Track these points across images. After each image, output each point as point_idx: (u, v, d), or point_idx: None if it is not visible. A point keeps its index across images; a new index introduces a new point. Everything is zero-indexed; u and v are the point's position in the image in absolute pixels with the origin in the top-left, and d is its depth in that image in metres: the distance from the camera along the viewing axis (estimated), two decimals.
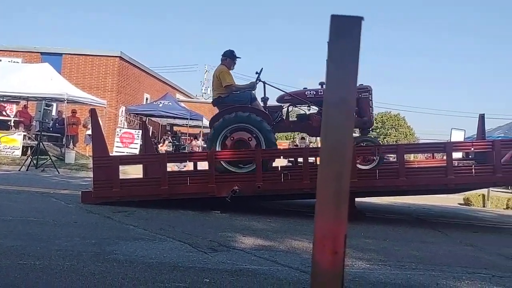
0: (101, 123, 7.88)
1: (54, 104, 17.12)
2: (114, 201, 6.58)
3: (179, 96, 32.11)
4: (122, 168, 7.54)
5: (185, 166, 12.82)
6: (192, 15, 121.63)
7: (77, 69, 23.03)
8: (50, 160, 13.65)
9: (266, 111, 7.31)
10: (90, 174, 8.33)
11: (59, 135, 17.86)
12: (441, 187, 7.12)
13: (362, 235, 5.46)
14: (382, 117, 59.49)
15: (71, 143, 17.95)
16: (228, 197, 6.55)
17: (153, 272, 3.16)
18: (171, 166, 12.25)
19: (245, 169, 6.98)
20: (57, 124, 18.36)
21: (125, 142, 18.94)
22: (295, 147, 19.63)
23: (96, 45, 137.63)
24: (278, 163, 8.30)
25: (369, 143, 7.29)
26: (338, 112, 0.99)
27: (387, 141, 51.82)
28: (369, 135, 7.94)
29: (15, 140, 15.92)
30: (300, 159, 7.60)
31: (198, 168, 8.33)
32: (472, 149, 7.86)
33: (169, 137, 24.73)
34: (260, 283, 3.04)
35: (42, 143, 13.96)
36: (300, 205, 8.09)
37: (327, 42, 1.05)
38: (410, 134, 59.64)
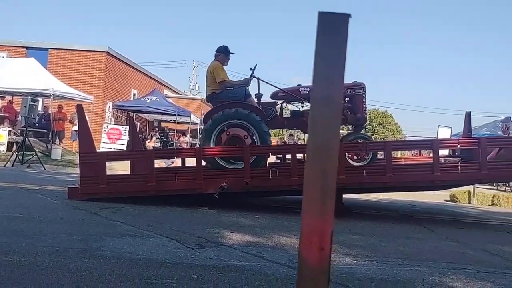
0: (87, 119, 7.81)
1: (40, 100, 16.92)
2: (101, 198, 6.53)
3: (167, 92, 31.94)
4: (109, 164, 7.49)
5: (172, 162, 12.79)
6: (182, 9, 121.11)
7: (63, 64, 22.80)
8: (36, 156, 13.51)
9: (260, 108, 7.31)
10: (77, 170, 8.26)
11: (45, 130, 17.67)
12: (427, 183, 7.18)
13: (349, 231, 5.50)
14: (370, 114, 59.79)
15: (57, 139, 17.77)
16: (216, 194, 6.54)
17: (140, 268, 3.14)
18: (159, 163, 12.22)
19: (242, 165, 6.95)
20: (43, 119, 18.17)
21: (112, 138, 18.79)
22: (283, 143, 19.69)
23: (82, 39, 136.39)
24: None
25: (363, 140, 7.33)
26: (325, 109, 0.99)
27: (374, 138, 52.17)
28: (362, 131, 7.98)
29: (0, 136, 15.71)
30: (288, 156, 7.62)
31: (186, 165, 8.31)
32: (458, 146, 7.96)
33: (157, 133, 24.62)
34: (247, 279, 3.05)
35: (28, 139, 13.82)
36: (288, 202, 8.11)
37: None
38: (398, 131, 60.14)
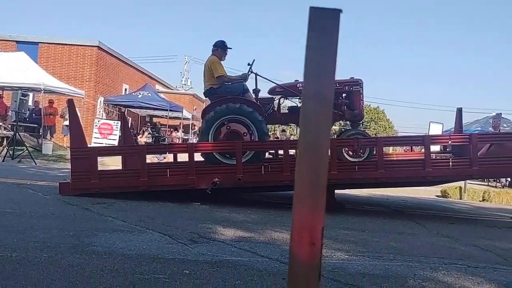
0: (79, 114, 7.76)
1: (31, 94, 16.82)
2: (92, 193, 6.50)
3: (159, 87, 31.83)
4: (100, 159, 7.45)
5: (164, 157, 12.78)
6: (174, 3, 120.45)
7: (54, 58, 22.62)
8: (26, 151, 13.42)
9: (258, 103, 7.31)
10: (68, 165, 8.20)
11: (36, 125, 17.53)
12: (419, 179, 7.22)
13: (341, 226, 5.52)
14: None
15: (48, 133, 17.67)
16: (209, 189, 6.54)
17: (133, 263, 3.13)
18: (151, 158, 12.20)
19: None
20: (33, 114, 18.03)
21: (103, 133, 18.71)
22: (275, 139, 19.70)
23: (73, 33, 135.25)
24: None
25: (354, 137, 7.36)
26: (316, 105, 0.99)
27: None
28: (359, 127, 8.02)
29: None
30: (280, 152, 7.63)
31: (178, 160, 8.30)
32: (449, 142, 8.01)
33: (149, 129, 24.57)
34: (240, 274, 3.05)
35: (19, 134, 13.73)
36: (280, 197, 8.13)
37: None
38: (389, 127, 60.34)
